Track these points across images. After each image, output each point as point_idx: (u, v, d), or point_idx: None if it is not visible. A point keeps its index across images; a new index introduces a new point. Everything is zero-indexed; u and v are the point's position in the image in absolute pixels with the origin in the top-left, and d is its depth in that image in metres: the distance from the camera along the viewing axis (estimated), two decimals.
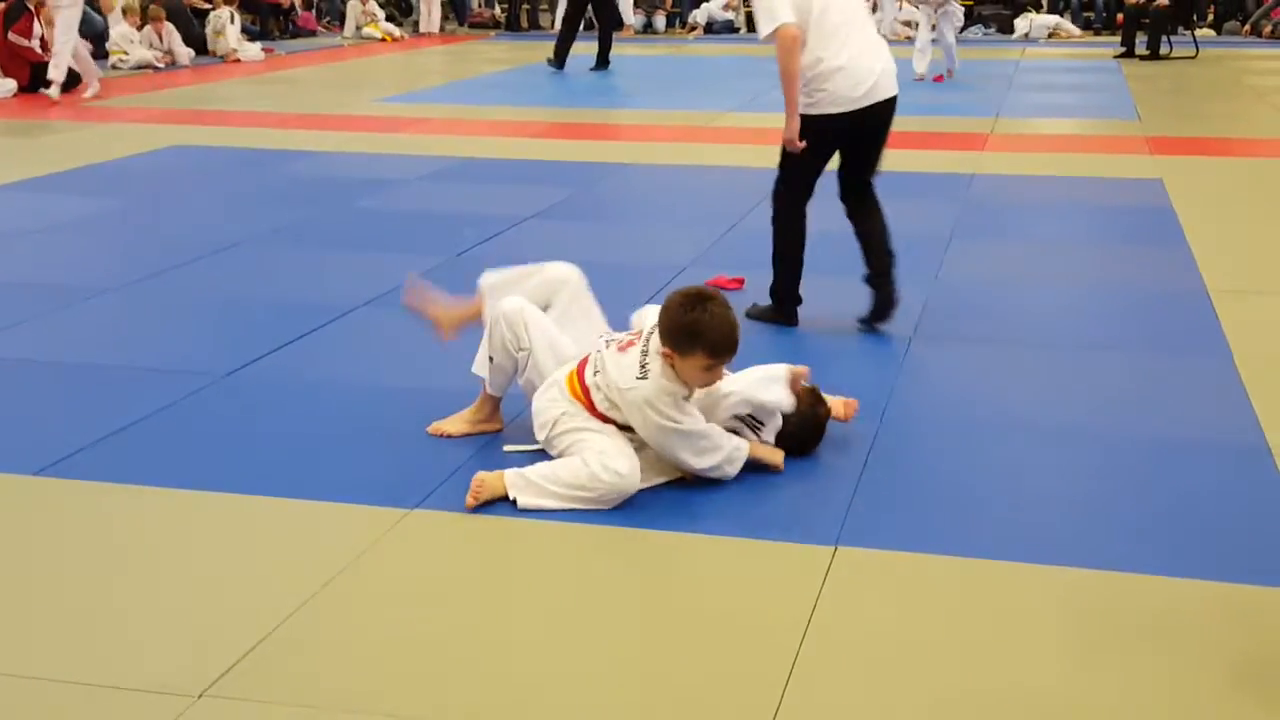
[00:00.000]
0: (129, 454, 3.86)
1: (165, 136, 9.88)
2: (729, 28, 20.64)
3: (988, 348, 4.94)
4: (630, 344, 3.67)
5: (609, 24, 14.93)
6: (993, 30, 19.86)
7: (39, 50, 12.57)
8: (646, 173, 8.71)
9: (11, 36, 12.40)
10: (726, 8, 20.81)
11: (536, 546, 3.32)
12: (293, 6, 19.26)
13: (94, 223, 7.01)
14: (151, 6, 15.15)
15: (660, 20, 21.05)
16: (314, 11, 19.96)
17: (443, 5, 20.74)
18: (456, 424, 4.01)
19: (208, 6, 16.62)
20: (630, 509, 3.48)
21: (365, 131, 10.24)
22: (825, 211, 5.28)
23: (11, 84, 12.30)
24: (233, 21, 16.06)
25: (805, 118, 4.92)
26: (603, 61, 14.57)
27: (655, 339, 3.58)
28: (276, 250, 6.41)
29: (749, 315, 5.12)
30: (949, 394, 4.47)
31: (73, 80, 12.79)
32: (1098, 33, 19.82)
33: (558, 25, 19.76)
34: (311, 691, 2.65)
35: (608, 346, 3.70)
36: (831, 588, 3.08)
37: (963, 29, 19.47)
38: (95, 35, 14.88)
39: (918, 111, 11.35)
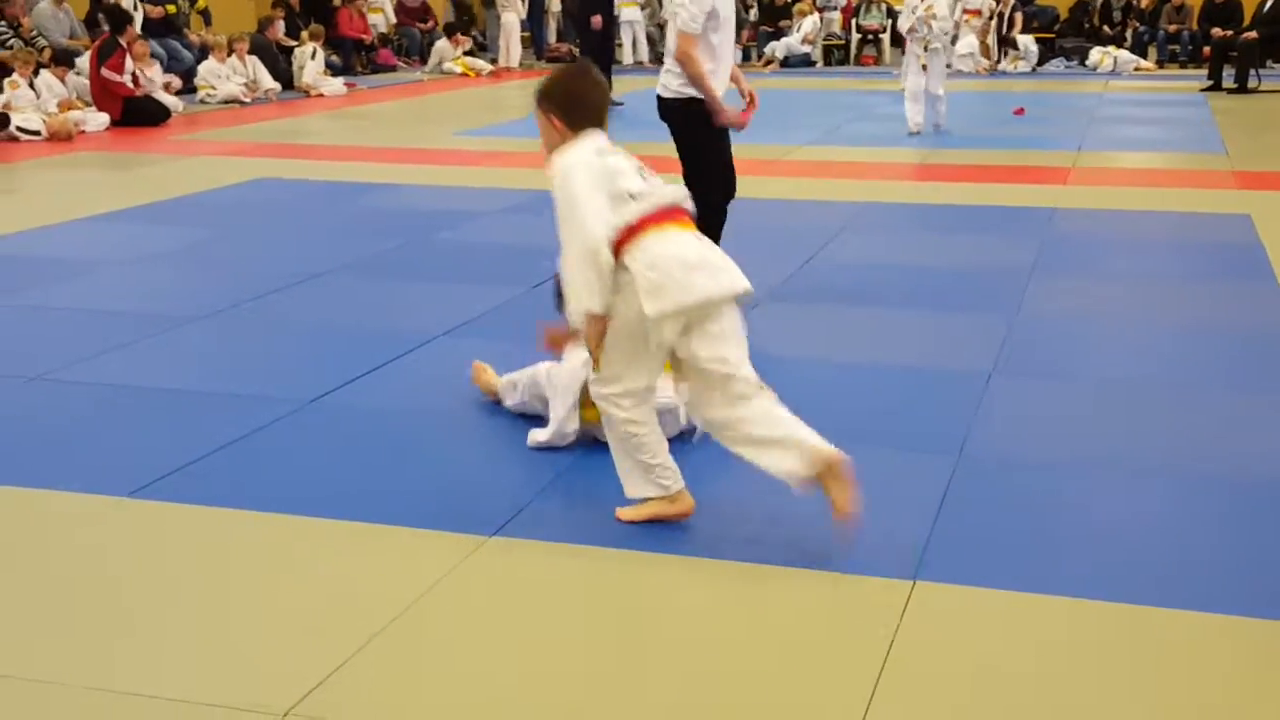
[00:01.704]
0: (217, 477, 3.95)
1: (252, 169, 10.10)
2: (805, 61, 20.66)
3: (1069, 383, 4.90)
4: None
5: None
6: (1074, 63, 19.70)
7: (131, 85, 12.92)
8: None
9: (104, 72, 12.75)
10: (804, 41, 20.84)
11: (612, 575, 3.34)
12: (373, 43, 19.62)
13: (184, 253, 7.18)
14: (238, 41, 15.51)
15: (736, 54, 21.12)
16: (393, 48, 20.29)
17: (522, 40, 20.99)
18: None
19: (293, 43, 16.98)
20: (704, 538, 3.49)
21: (445, 165, 10.39)
22: (898, 244, 5.27)
23: (104, 118, 12.64)
24: (314, 57, 16.39)
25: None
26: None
27: None
28: (358, 280, 6.52)
29: None
30: (1028, 429, 4.43)
31: (163, 113, 13.13)
32: (1183, 65, 19.59)
33: (630, 59, 20.01)
34: (393, 713, 2.69)
35: None
36: (909, 623, 3.06)
37: (1041, 62, 19.44)
38: (185, 71, 15.27)
39: (997, 145, 11.32)
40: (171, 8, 16.06)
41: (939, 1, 11.50)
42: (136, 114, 12.82)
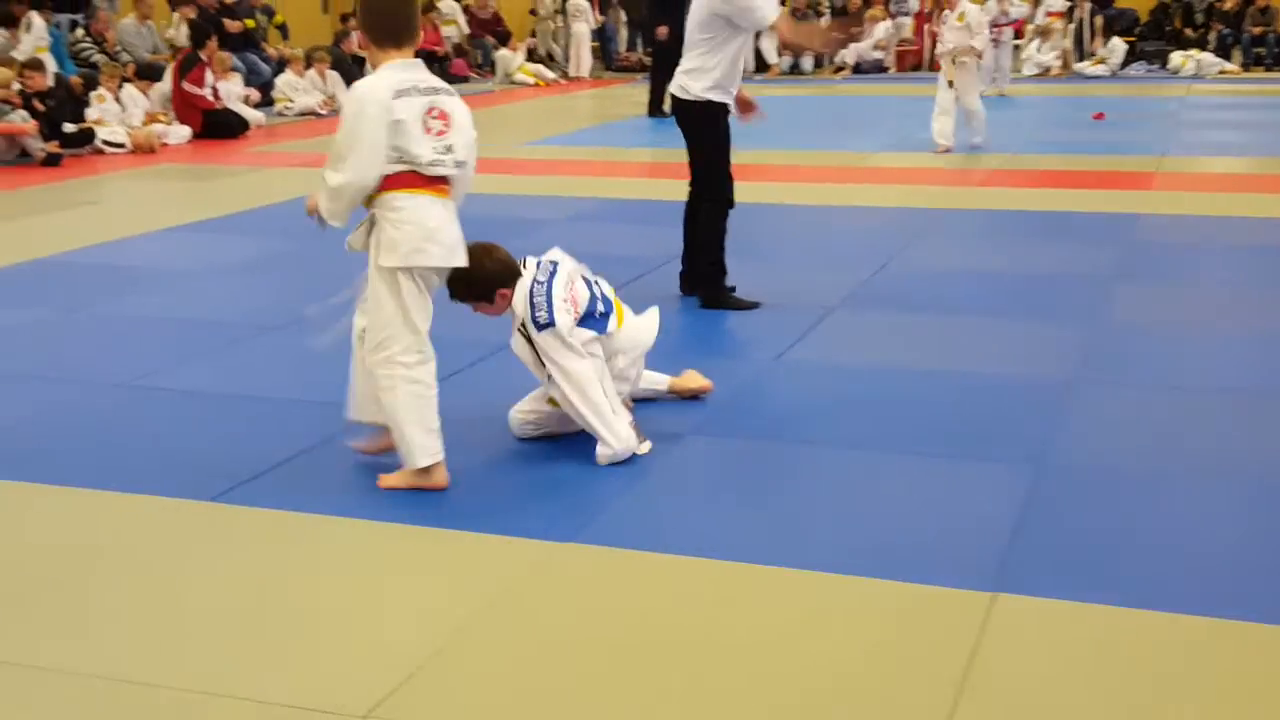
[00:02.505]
0: (295, 482, 4.00)
1: None
2: (878, 68, 20.54)
3: (1153, 392, 4.80)
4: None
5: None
6: (1155, 67, 19.39)
7: (210, 98, 13.15)
8: (794, 212, 8.71)
9: (185, 85, 12.98)
10: (876, 47, 20.71)
11: (689, 583, 3.33)
12: (446, 55, 19.79)
13: (261, 263, 7.28)
14: (316, 54, 15.72)
15: (808, 61, 21.05)
16: (468, 59, 20.46)
17: (592, 49, 21.08)
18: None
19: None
20: (782, 546, 3.47)
21: (514, 174, 10.44)
22: (975, 250, 5.21)
23: (186, 130, 12.86)
24: None
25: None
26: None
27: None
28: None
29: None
30: (1111, 438, 4.34)
31: (242, 126, 13.34)
32: (1269, 69, 19.19)
33: None
34: (472, 715, 2.70)
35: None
36: (990, 637, 3.01)
37: (1124, 65, 19.15)
38: (263, 84, 15.50)
39: (1077, 150, 11.17)
40: (250, 22, 16.33)
41: (971, 12, 11.14)
42: (217, 126, 13.03)
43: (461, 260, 3.90)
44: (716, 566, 3.39)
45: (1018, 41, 18.63)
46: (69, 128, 11.66)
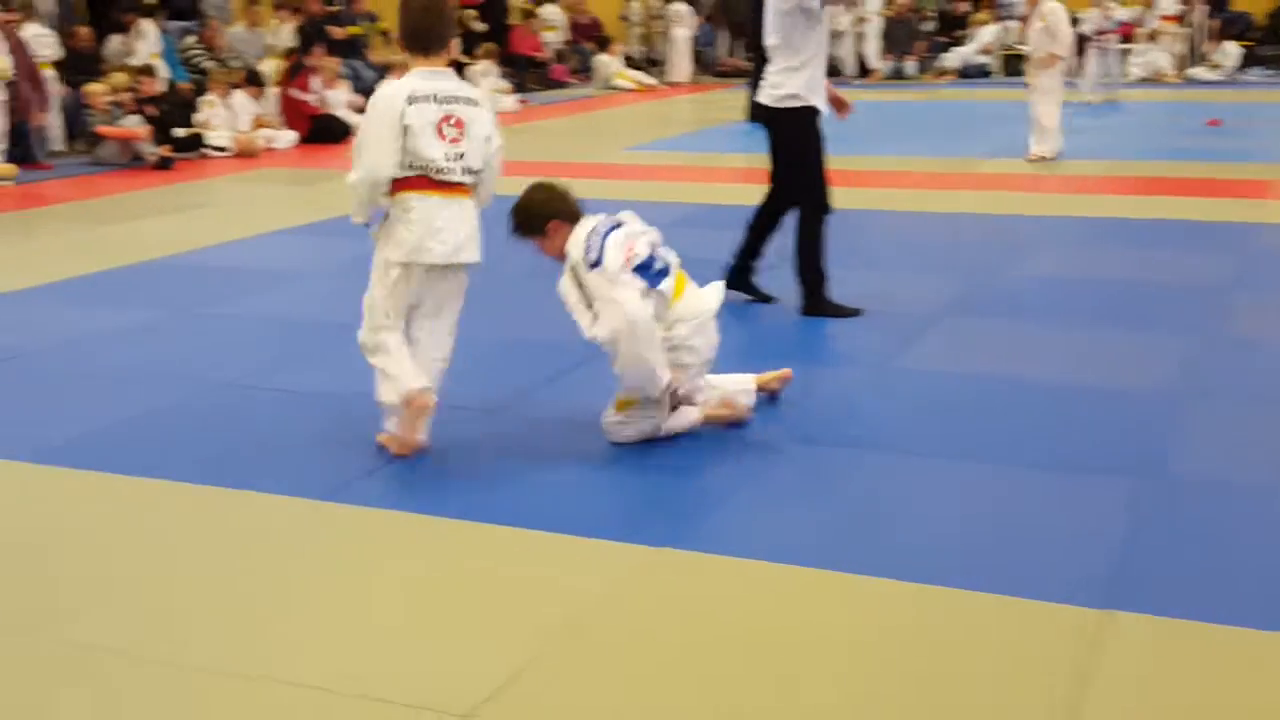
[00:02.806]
0: (402, 482, 4.05)
1: None
2: (982, 72, 20.25)
3: (1263, 406, 4.65)
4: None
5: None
6: (1274, 72, 18.86)
7: (316, 104, 13.38)
8: (898, 218, 8.62)
9: (291, 91, 13.24)
10: (983, 51, 20.42)
11: (787, 591, 3.30)
12: (546, 60, 19.95)
13: (364, 265, 7.34)
14: None
15: (911, 65, 20.84)
16: (568, 65, 20.60)
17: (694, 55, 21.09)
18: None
19: (468, 60, 17.37)
20: (884, 557, 3.43)
21: (614, 179, 10.46)
22: (1084, 259, 5.09)
23: (293, 135, 13.11)
24: (487, 74, 16.72)
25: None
26: None
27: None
28: (537, 289, 6.58)
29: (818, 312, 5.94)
30: (1225, 452, 4.22)
31: (346, 131, 13.54)
32: None
33: None
34: (572, 717, 2.71)
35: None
36: (1100, 655, 2.94)
37: (1239, 70, 18.66)
38: (367, 90, 15.73)
39: (1190, 157, 10.90)
40: (355, 29, 16.60)
41: (1054, 14, 10.64)
42: (321, 132, 13.27)
43: (465, 258, 4.19)
44: (816, 575, 3.36)
45: (1127, 46, 18.24)
46: (179, 132, 11.95)
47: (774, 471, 4.09)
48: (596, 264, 4.09)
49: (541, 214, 4.26)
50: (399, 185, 4.08)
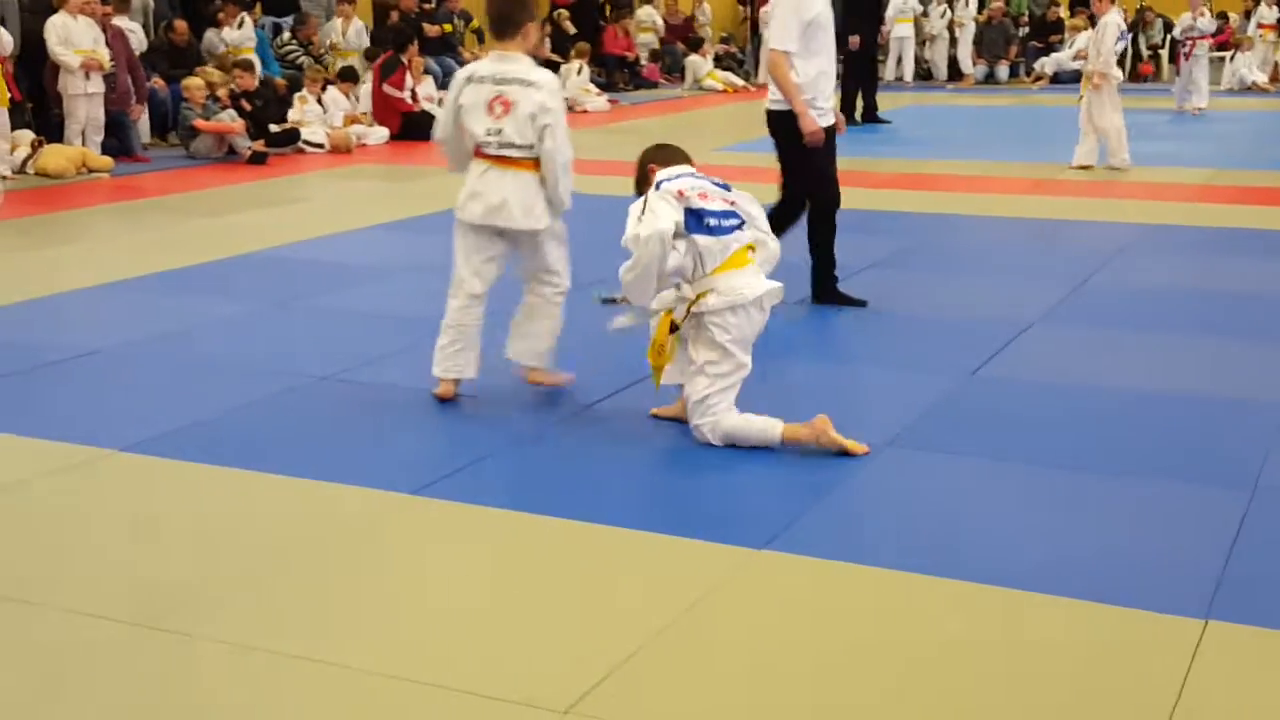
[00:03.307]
0: (493, 479, 4.09)
1: None
2: (1075, 77, 19.91)
3: None
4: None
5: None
6: None
7: (409, 101, 13.53)
8: (990, 224, 8.53)
9: (385, 88, 13.40)
10: (1077, 57, 20.10)
11: (881, 596, 3.29)
12: (638, 59, 19.99)
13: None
14: None
15: (1003, 70, 20.59)
16: (661, 65, 20.64)
17: None
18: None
19: (560, 60, 17.47)
20: (981, 563, 3.40)
21: None
22: (1183, 267, 5.01)
23: (384, 132, 13.27)
24: (579, 73, 16.80)
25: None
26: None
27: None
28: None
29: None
30: None
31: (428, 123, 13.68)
32: None
33: (892, 74, 19.73)
34: (669, 716, 2.72)
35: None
36: (1202, 664, 2.90)
37: None
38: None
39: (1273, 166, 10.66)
40: (448, 26, 16.77)
41: (1104, 24, 10.49)
42: (413, 128, 13.40)
43: (501, 221, 4.61)
44: (910, 579, 3.34)
45: (1221, 54, 17.86)
46: (273, 128, 12.15)
47: (865, 476, 4.07)
48: (657, 186, 4.35)
49: (643, 160, 4.57)
50: (475, 152, 4.65)
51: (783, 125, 6.06)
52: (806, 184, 6.18)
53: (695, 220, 4.24)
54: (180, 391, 4.99)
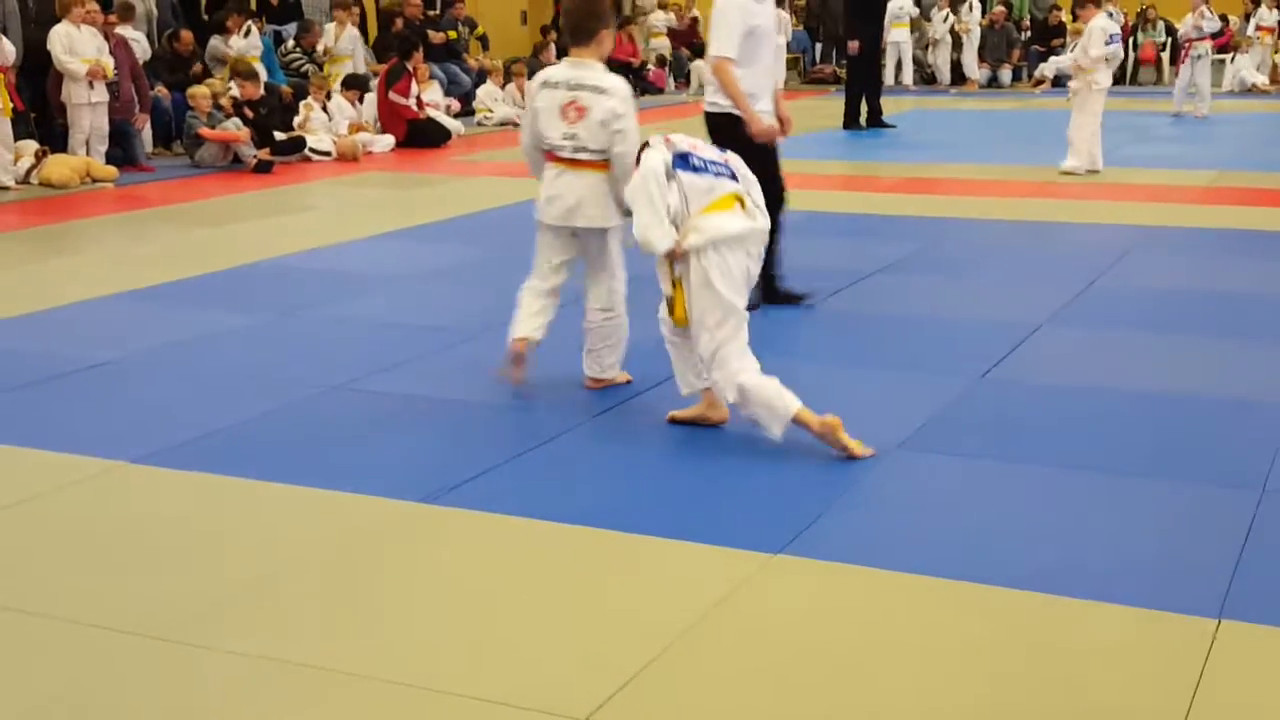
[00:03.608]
0: (505, 486, 4.09)
1: (526, 190, 10.39)
2: None
3: None
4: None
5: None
6: None
7: (415, 108, 13.56)
8: (996, 228, 8.53)
9: (391, 95, 13.41)
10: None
11: (895, 599, 3.30)
12: (644, 65, 20.01)
13: (464, 270, 7.47)
14: (515, 66, 16.07)
15: (1006, 74, 20.61)
16: (669, 71, 20.66)
17: (789, 61, 21.04)
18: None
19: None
20: (993, 564, 3.41)
21: None
22: (1189, 268, 5.01)
23: (390, 139, 13.30)
24: None
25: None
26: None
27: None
28: (641, 294, 6.62)
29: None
30: None
31: (444, 135, 13.71)
32: None
33: (892, 79, 19.73)
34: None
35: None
36: (1215, 664, 2.91)
37: None
38: (462, 95, 15.92)
39: None
40: (453, 34, 16.80)
41: (1089, 28, 10.44)
42: (419, 135, 13.43)
43: (577, 221, 4.81)
44: (925, 582, 3.35)
45: (1221, 57, 17.84)
46: (279, 135, 12.17)
47: (879, 479, 4.08)
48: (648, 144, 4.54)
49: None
50: (546, 156, 4.86)
51: (723, 126, 6.04)
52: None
53: (682, 160, 4.37)
54: (191, 402, 4.99)
